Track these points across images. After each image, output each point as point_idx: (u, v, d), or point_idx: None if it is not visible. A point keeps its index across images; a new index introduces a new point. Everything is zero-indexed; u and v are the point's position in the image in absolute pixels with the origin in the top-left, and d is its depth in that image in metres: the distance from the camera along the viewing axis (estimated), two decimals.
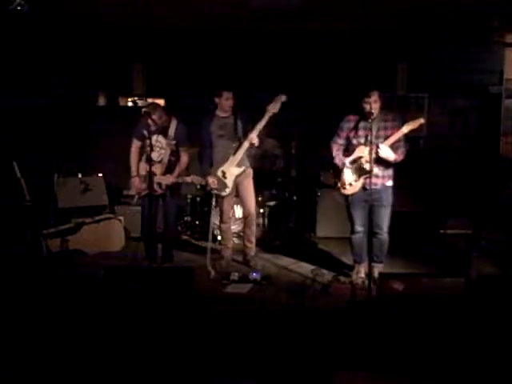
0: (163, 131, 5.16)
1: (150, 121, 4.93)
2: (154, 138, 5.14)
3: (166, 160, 5.17)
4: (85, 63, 7.17)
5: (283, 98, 4.95)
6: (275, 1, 5.32)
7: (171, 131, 5.16)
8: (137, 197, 5.35)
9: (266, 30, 6.36)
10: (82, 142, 6.99)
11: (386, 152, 4.46)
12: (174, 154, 5.23)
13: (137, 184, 5.25)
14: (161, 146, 5.19)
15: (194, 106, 6.97)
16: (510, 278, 4.50)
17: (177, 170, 5.23)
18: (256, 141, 5.06)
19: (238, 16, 5.85)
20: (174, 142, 5.16)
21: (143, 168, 5.23)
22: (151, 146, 4.75)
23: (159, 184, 5.12)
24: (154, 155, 5.18)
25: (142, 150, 5.30)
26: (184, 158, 5.27)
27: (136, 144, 5.29)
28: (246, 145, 5.12)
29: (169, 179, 5.17)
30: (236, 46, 6.96)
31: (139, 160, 5.30)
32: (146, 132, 5.13)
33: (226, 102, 5.16)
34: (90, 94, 7.52)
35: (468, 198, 6.15)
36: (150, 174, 4.58)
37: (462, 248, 5.53)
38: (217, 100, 5.19)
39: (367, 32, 6.46)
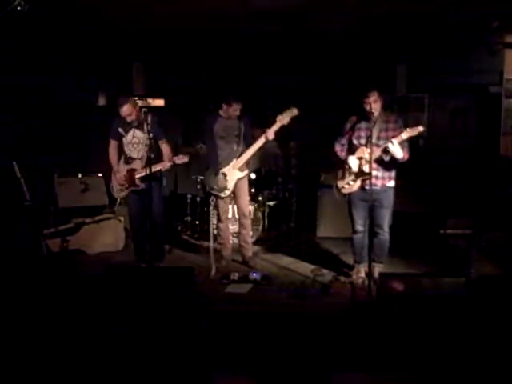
0: (140, 126, 5.09)
1: (121, 114, 4.97)
2: (131, 133, 5.16)
3: (145, 155, 5.04)
4: (85, 63, 7.17)
5: (295, 111, 4.98)
6: (275, 1, 5.32)
7: (147, 126, 4.96)
8: (118, 201, 5.35)
9: (265, 30, 6.36)
10: (82, 142, 7.00)
11: (395, 148, 4.45)
12: (153, 149, 5.04)
13: (117, 179, 5.23)
14: (139, 142, 5.14)
15: (194, 105, 7.01)
16: (510, 278, 4.51)
17: (162, 161, 5.14)
18: (272, 138, 5.09)
19: (238, 16, 5.85)
20: (151, 135, 4.98)
21: (123, 168, 5.23)
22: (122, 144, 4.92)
23: (140, 178, 5.09)
24: (134, 153, 5.19)
25: (119, 148, 5.28)
26: (166, 149, 5.21)
27: (113, 143, 5.29)
28: (251, 151, 5.16)
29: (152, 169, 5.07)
30: (236, 46, 6.96)
31: (118, 159, 5.29)
32: (121, 130, 5.18)
33: (233, 112, 5.19)
34: (90, 94, 7.53)
35: (468, 197, 6.15)
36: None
37: (462, 248, 5.53)
38: (224, 107, 5.20)
39: (367, 32, 6.46)
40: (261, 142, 5.13)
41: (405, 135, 4.41)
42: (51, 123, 6.89)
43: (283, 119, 5.00)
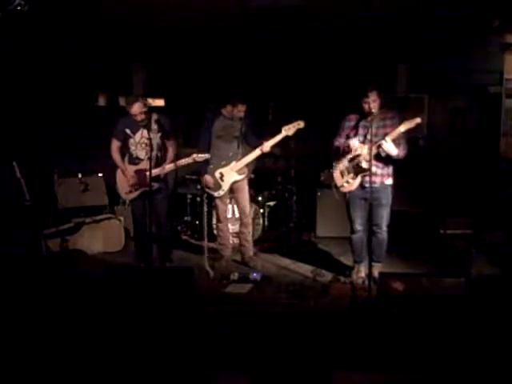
0: (147, 126, 5.03)
1: (131, 113, 4.93)
2: (139, 133, 5.11)
3: (153, 155, 4.95)
4: (85, 63, 7.17)
5: (301, 124, 5.02)
6: (275, 1, 5.32)
7: (153, 125, 4.99)
8: (127, 202, 5.32)
9: (265, 29, 6.35)
10: (82, 142, 6.99)
11: (389, 146, 4.46)
12: (161, 149, 5.12)
13: (127, 179, 5.17)
14: (147, 142, 5.06)
15: (194, 105, 7.01)
16: (510, 278, 4.51)
17: (167, 161, 5.15)
18: (268, 151, 5.14)
19: (238, 16, 5.85)
20: (158, 134, 5.03)
21: (131, 169, 5.18)
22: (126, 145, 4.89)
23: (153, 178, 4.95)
24: (142, 153, 5.15)
25: (122, 149, 5.24)
26: (171, 149, 5.20)
27: (116, 144, 5.23)
28: (254, 154, 5.17)
29: (163, 170, 5.07)
30: (235, 46, 6.96)
31: (122, 159, 5.25)
32: (128, 130, 5.13)
33: (237, 113, 5.20)
34: (90, 94, 7.52)
35: (468, 198, 6.14)
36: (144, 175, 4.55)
37: (461, 248, 5.53)
38: (229, 107, 5.21)
39: (367, 32, 6.46)
40: (256, 154, 5.16)
41: (402, 128, 4.41)
42: (51, 123, 6.88)
43: (289, 130, 5.02)
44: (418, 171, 6.33)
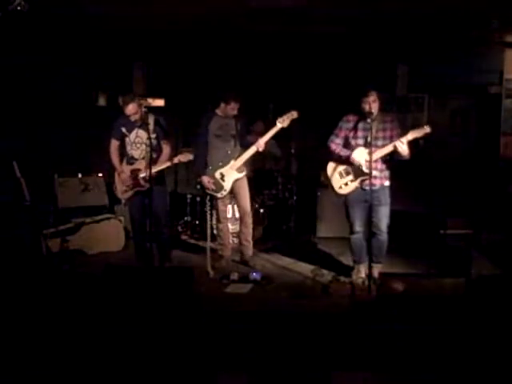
0: (142, 126, 5.00)
1: (126, 113, 4.91)
2: (134, 133, 5.09)
3: (148, 156, 4.89)
4: (85, 63, 7.17)
5: (295, 114, 5.00)
6: (275, 1, 5.32)
7: (150, 126, 4.96)
8: (123, 202, 5.32)
9: (265, 30, 6.36)
10: (82, 142, 6.99)
11: (405, 147, 4.46)
12: (156, 149, 5.07)
13: (122, 179, 5.15)
14: (142, 142, 5.05)
15: (194, 105, 7.01)
16: (510, 278, 4.51)
17: (160, 161, 5.10)
18: (263, 148, 5.14)
19: (238, 16, 5.85)
20: (154, 135, 4.99)
21: (127, 169, 5.17)
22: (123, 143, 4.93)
23: (144, 178, 4.98)
24: (136, 153, 5.12)
25: (121, 148, 5.22)
26: (166, 150, 5.15)
27: (115, 143, 5.20)
28: (250, 151, 5.17)
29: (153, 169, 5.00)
30: (235, 47, 6.96)
31: (121, 160, 5.23)
32: (124, 129, 5.11)
33: (231, 111, 5.20)
34: (90, 94, 7.52)
35: (468, 197, 6.14)
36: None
37: (461, 248, 5.53)
38: (222, 105, 5.20)
39: (367, 32, 6.46)
40: (252, 150, 5.16)
41: (410, 136, 4.41)
42: (51, 123, 6.89)
43: (283, 122, 5.02)
44: (418, 171, 6.33)
